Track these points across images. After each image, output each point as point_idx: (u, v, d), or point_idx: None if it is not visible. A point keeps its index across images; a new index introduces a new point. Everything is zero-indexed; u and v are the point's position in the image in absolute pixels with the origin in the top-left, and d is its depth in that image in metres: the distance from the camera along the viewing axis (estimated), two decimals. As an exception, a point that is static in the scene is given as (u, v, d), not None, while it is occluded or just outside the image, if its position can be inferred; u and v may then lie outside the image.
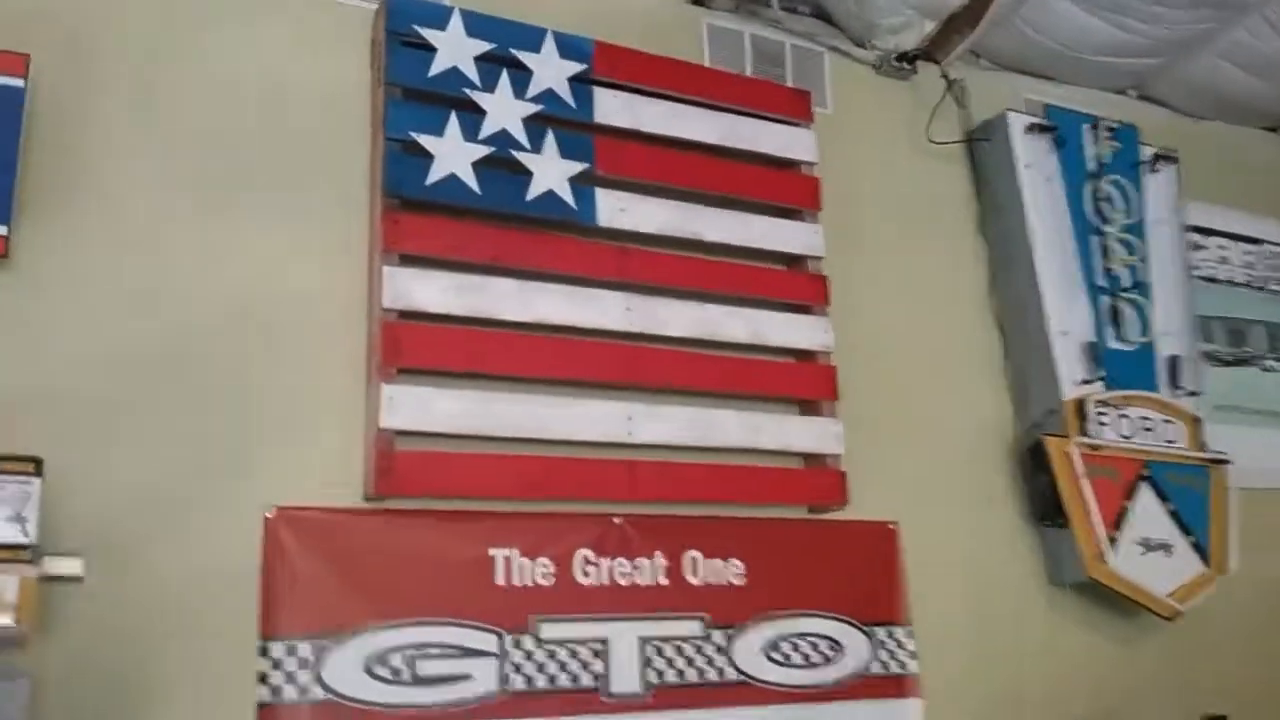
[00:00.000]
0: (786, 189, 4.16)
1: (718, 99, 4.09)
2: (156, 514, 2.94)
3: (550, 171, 3.66)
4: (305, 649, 2.98)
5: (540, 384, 3.49)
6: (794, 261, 4.12)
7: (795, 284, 4.09)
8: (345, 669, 3.00)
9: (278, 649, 2.95)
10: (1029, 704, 4.11)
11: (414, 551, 3.22)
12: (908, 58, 4.66)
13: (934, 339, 4.43)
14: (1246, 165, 5.50)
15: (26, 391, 2.89)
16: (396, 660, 3.09)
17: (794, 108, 4.26)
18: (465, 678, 3.18)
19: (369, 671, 3.05)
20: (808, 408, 3.97)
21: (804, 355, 4.02)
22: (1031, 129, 4.61)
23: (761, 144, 4.13)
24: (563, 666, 3.33)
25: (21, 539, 2.39)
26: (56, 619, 2.69)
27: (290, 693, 2.93)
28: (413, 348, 3.32)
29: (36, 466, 2.46)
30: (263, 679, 2.92)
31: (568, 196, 3.67)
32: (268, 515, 3.06)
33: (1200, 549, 4.37)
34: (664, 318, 3.74)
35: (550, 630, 3.34)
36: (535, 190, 3.62)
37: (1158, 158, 4.85)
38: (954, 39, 4.66)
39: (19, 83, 2.95)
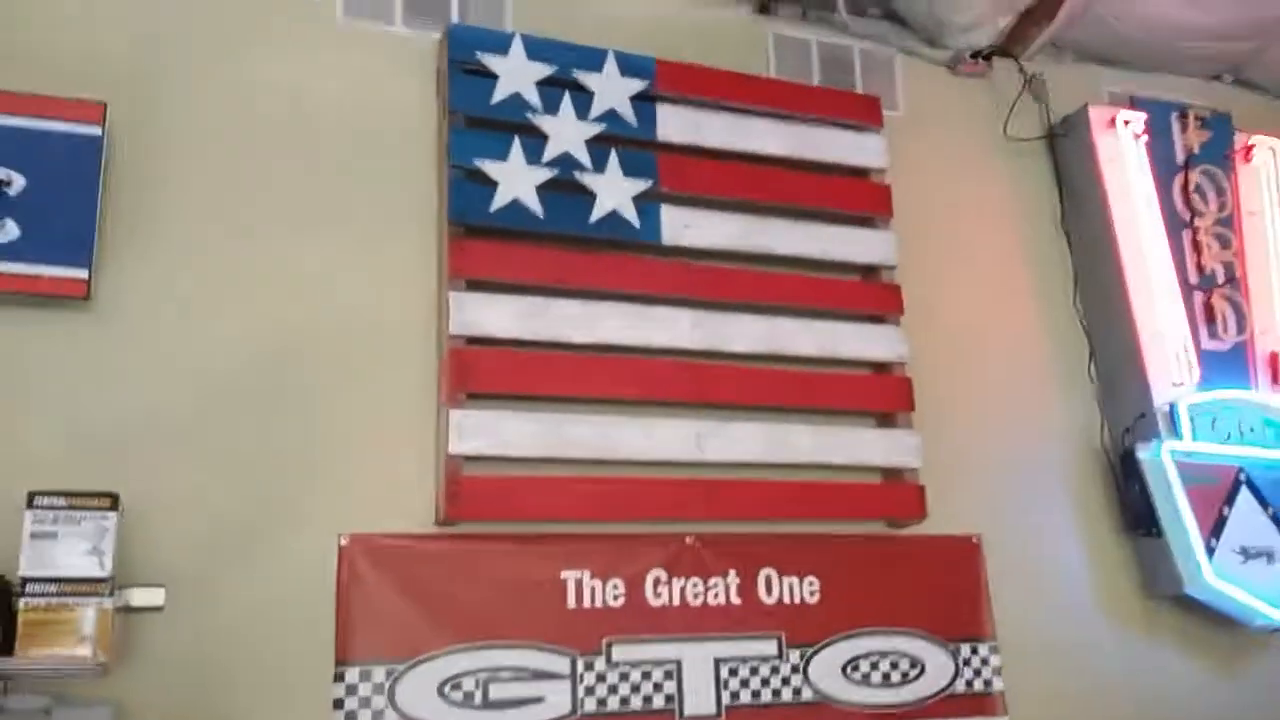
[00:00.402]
0: (857, 197, 4.09)
1: (783, 109, 4.04)
2: (234, 544, 3.04)
3: (613, 191, 3.66)
4: (379, 673, 3.04)
5: (608, 405, 3.50)
6: (867, 271, 4.05)
7: (868, 294, 4.02)
8: (418, 693, 3.06)
9: (352, 674, 3.02)
10: (1123, 721, 3.97)
11: (485, 575, 3.26)
12: (983, 54, 4.54)
13: (1016, 344, 4.31)
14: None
15: (107, 428, 3.01)
16: (469, 683, 3.13)
17: (863, 113, 4.19)
18: (537, 700, 3.20)
19: (442, 695, 3.09)
20: (884, 420, 3.90)
21: (879, 367, 3.94)
22: (1115, 121, 4.44)
23: (830, 152, 4.08)
24: (635, 688, 3.33)
25: (99, 572, 2.49)
26: (138, 649, 2.80)
27: (365, 717, 2.99)
28: (480, 373, 3.36)
29: (113, 502, 2.56)
30: (338, 704, 2.99)
31: (631, 216, 3.66)
32: (342, 542, 3.13)
33: (1307, 557, 4.15)
34: (731, 334, 3.72)
35: (622, 652, 3.34)
36: (599, 211, 3.63)
37: (1251, 145, 4.62)
38: (1031, 33, 4.54)
39: (97, 130, 3.07)
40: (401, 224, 3.54)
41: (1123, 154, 4.41)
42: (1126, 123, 4.46)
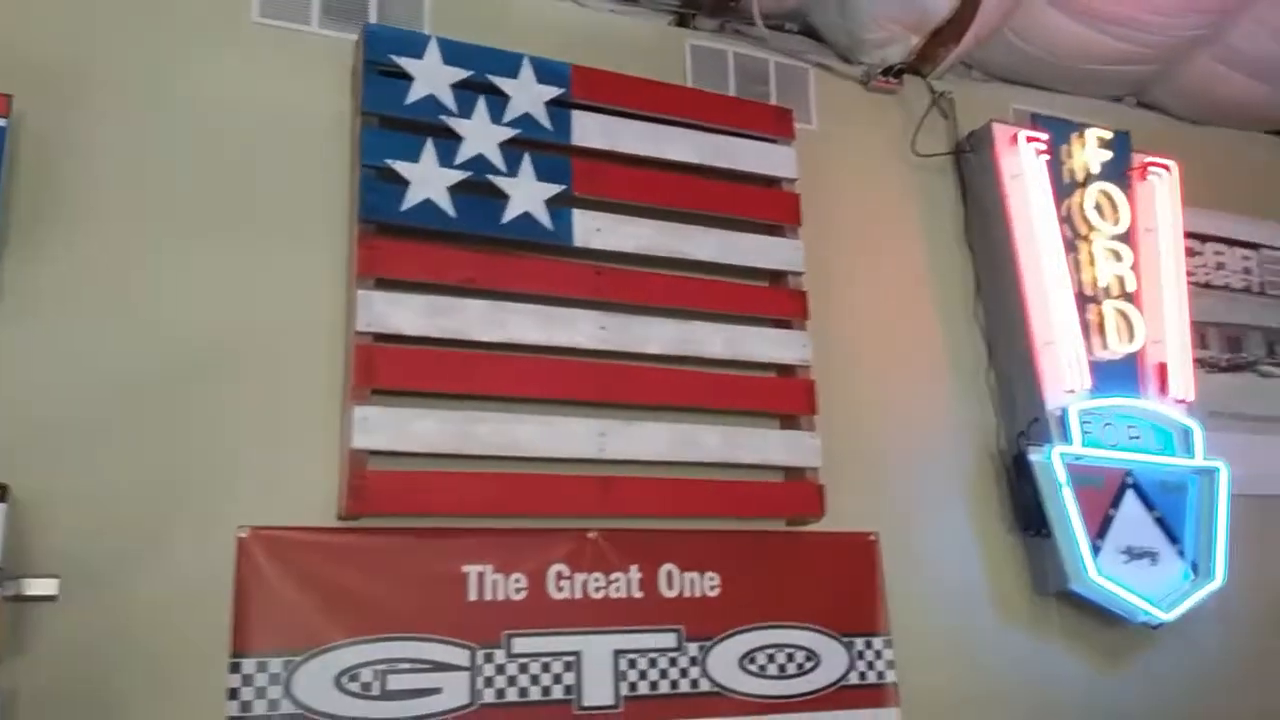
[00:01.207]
0: (767, 206, 4.21)
1: (698, 118, 4.15)
2: (132, 535, 3.07)
3: (526, 194, 3.74)
4: (276, 665, 3.09)
5: (515, 403, 3.58)
6: (775, 277, 4.17)
7: (775, 299, 4.14)
8: (315, 684, 3.11)
9: (249, 665, 3.07)
10: (1010, 715, 4.12)
11: (386, 569, 3.32)
12: (894, 71, 4.69)
13: (917, 350, 4.46)
14: (1245, 169, 5.45)
15: (4, 421, 3.01)
16: (367, 675, 3.19)
17: (776, 125, 4.31)
18: (435, 691, 3.27)
19: (339, 686, 3.15)
20: (787, 421, 4.02)
21: (784, 370, 4.06)
22: (1018, 138, 4.61)
23: (742, 162, 4.19)
24: (534, 679, 3.41)
25: (-12, 562, 2.51)
26: (31, 638, 2.82)
27: (260, 707, 3.04)
28: (386, 369, 3.42)
29: (3, 493, 2.58)
30: (233, 694, 3.03)
31: (544, 218, 3.75)
32: (240, 535, 3.17)
33: (1187, 557, 4.35)
34: (641, 335, 3.82)
35: (522, 644, 3.42)
36: (511, 213, 3.71)
37: (1148, 164, 4.82)
38: (940, 52, 4.70)
39: (1, 122, 3.08)
40: (313, 223, 3.59)
41: (1025, 170, 4.58)
42: (1029, 140, 4.63)
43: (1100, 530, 4.21)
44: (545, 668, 3.44)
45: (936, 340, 4.50)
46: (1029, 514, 4.22)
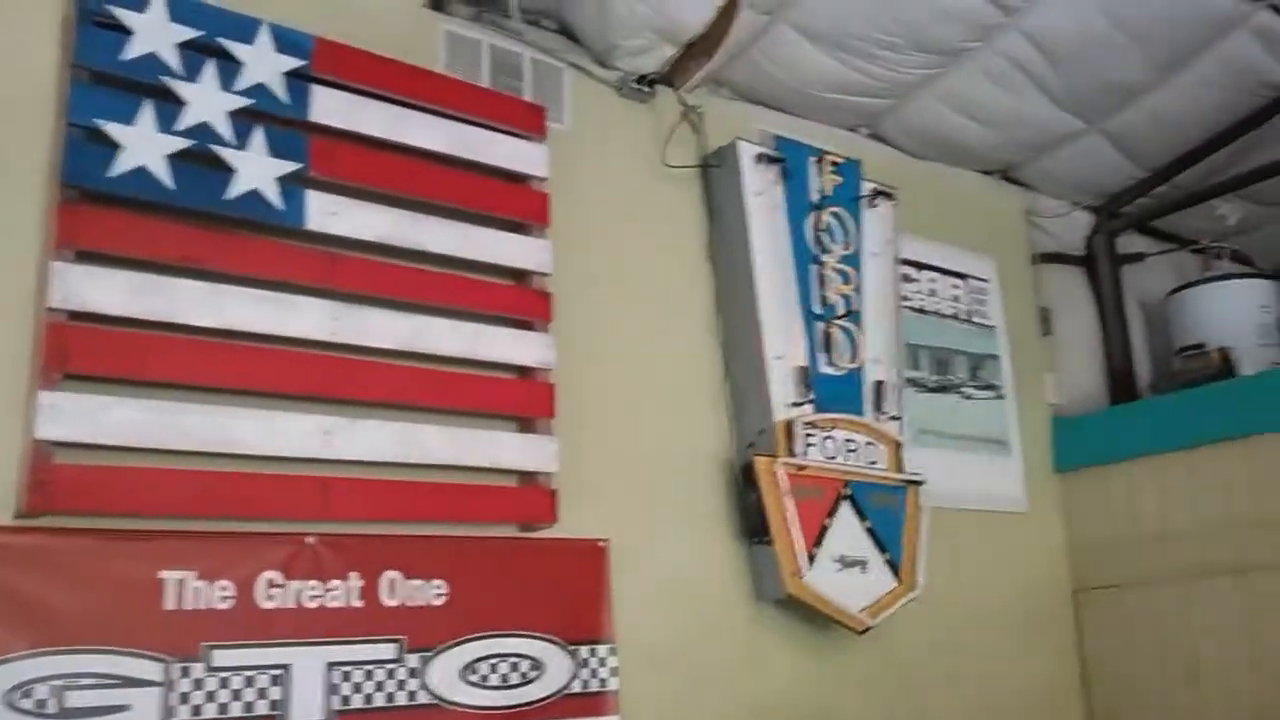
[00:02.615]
0: (515, 203, 4.13)
1: (447, 107, 4.00)
2: None
3: (256, 170, 3.48)
4: (-72, 683, 2.71)
5: (230, 395, 3.31)
6: (519, 276, 4.09)
7: (518, 299, 4.06)
8: (-23, 704, 2.75)
9: (-106, 684, 2.67)
10: (729, 717, 4.24)
11: (70, 573, 2.98)
12: (647, 81, 4.72)
13: (659, 360, 4.51)
14: (960, 205, 5.88)
15: None
16: (42, 691, 2.85)
17: (527, 121, 4.23)
18: (122, 709, 2.97)
19: (10, 705, 2.80)
20: (524, 425, 3.95)
21: (523, 372, 3.99)
22: (760, 158, 4.76)
23: (491, 156, 4.08)
24: (236, 695, 3.17)
25: None
26: None
27: (-95, 733, 2.66)
28: (82, 352, 3.08)
29: None
30: None
31: (274, 197, 3.50)
32: (-108, 534, 2.76)
33: (893, 565, 4.63)
34: (373, 328, 3.63)
35: (224, 657, 3.17)
36: (237, 189, 3.43)
37: (876, 193, 5.11)
38: (691, 66, 4.76)
39: None
40: (9, 187, 3.17)
41: (764, 190, 4.73)
42: (771, 161, 4.79)
43: (817, 539, 4.40)
44: (249, 682, 3.20)
45: (677, 351, 4.57)
46: (753, 522, 4.36)
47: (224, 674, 3.15)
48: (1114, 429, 5.72)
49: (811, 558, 4.34)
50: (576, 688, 3.81)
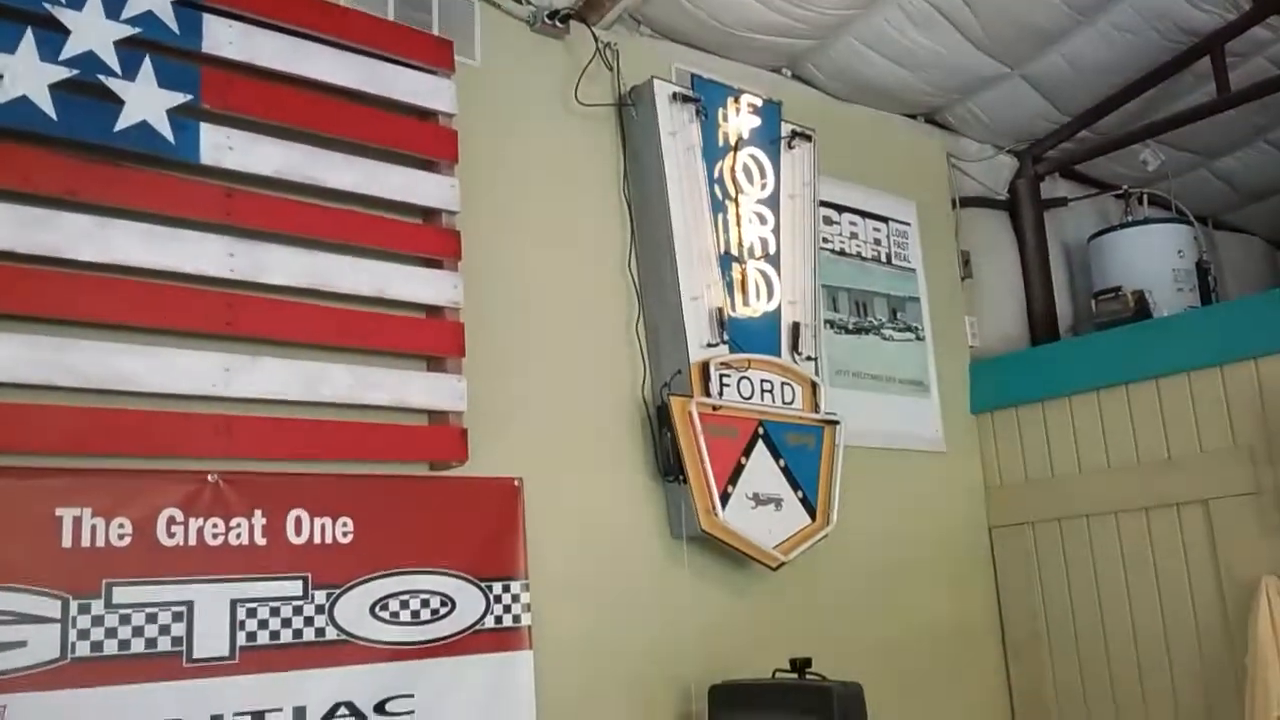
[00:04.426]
0: (421, 139, 4.06)
1: (351, 39, 3.91)
2: None
3: (145, 101, 3.38)
4: None
5: (122, 332, 3.25)
6: (428, 215, 4.04)
7: (425, 237, 4.01)
8: None
9: None
10: (643, 653, 4.29)
11: (-41, 513, 2.93)
12: (560, 16, 4.66)
13: (573, 299, 4.49)
14: (882, 148, 5.90)
15: None
16: (-69, 630, 2.81)
17: (435, 56, 4.15)
18: (19, 645, 2.94)
19: (-102, 641, 2.75)
20: (434, 364, 3.92)
21: (432, 310, 3.96)
22: (676, 98, 4.73)
23: (396, 91, 3.99)
24: (138, 631, 3.14)
25: None
26: None
27: None
28: (-37, 287, 3.00)
29: None
30: None
31: (165, 130, 3.41)
32: None
33: (808, 503, 4.70)
34: (273, 265, 3.57)
35: (125, 594, 3.13)
36: (126, 121, 3.33)
37: (795, 135, 5.10)
38: (606, 2, 4.70)
39: None
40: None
41: (681, 129, 4.70)
42: (688, 100, 4.76)
43: (731, 477, 4.44)
44: (151, 619, 3.17)
45: (591, 290, 4.55)
46: (668, 461, 4.39)
47: (125, 610, 3.12)
48: (1029, 371, 5.82)
49: (726, 496, 4.38)
50: (489, 623, 3.82)
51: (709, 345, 4.51)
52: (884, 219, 5.74)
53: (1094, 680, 5.26)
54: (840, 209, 5.51)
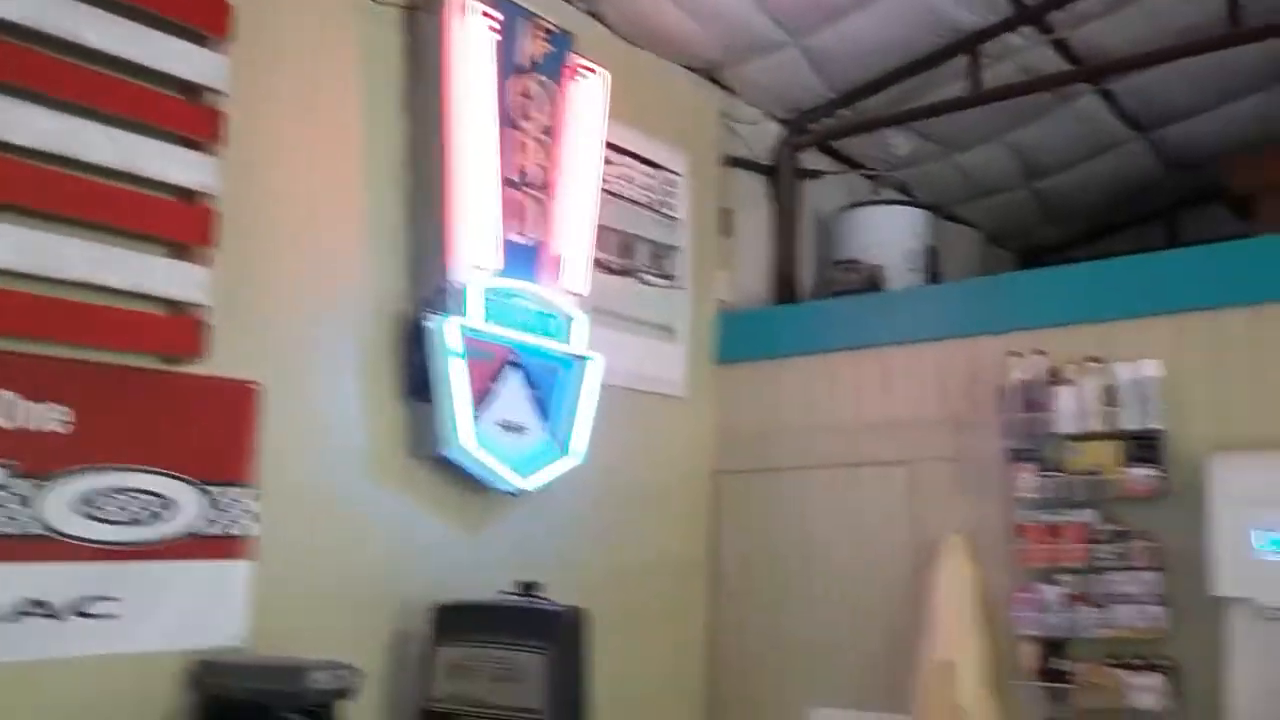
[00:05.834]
0: (189, 7, 3.74)
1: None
2: None
3: None
4: None
5: None
6: (190, 90, 3.75)
7: (187, 115, 3.72)
8: None
9: None
10: (373, 570, 4.26)
11: None
12: (357, -96, 4.40)
13: (338, 203, 4.31)
14: (664, 97, 5.98)
15: None
16: None
17: (210, -80, 3.83)
18: None
19: None
20: (179, 251, 3.67)
21: (184, 194, 3.69)
22: (469, 9, 4.59)
23: (167, -48, 3.67)
24: None
25: None
26: None
27: None
28: None
29: None
30: None
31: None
32: None
33: (554, 434, 4.77)
34: (15, 123, 3.22)
35: None
36: None
37: (584, 70, 5.08)
38: (411, -101, 4.49)
39: None
40: None
41: (471, 45, 4.57)
42: (483, 15, 4.62)
43: (481, 401, 4.43)
44: None
45: (361, 198, 4.38)
46: (417, 380, 4.33)
47: None
48: (768, 329, 6.14)
49: (473, 420, 4.37)
50: (208, 529, 3.67)
51: (477, 268, 4.46)
52: (657, 166, 5.84)
53: (791, 622, 5.67)
54: (618, 150, 5.54)
